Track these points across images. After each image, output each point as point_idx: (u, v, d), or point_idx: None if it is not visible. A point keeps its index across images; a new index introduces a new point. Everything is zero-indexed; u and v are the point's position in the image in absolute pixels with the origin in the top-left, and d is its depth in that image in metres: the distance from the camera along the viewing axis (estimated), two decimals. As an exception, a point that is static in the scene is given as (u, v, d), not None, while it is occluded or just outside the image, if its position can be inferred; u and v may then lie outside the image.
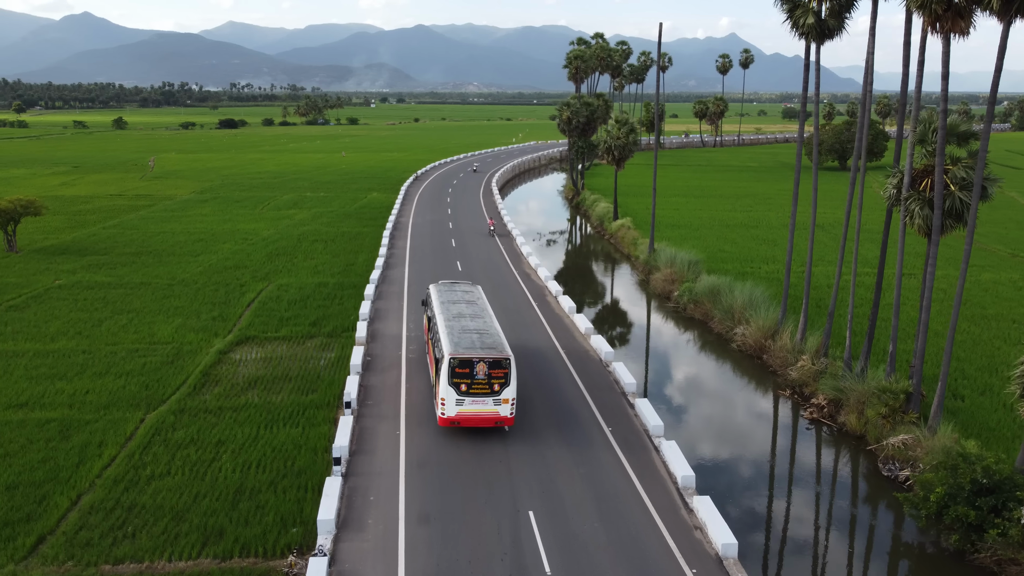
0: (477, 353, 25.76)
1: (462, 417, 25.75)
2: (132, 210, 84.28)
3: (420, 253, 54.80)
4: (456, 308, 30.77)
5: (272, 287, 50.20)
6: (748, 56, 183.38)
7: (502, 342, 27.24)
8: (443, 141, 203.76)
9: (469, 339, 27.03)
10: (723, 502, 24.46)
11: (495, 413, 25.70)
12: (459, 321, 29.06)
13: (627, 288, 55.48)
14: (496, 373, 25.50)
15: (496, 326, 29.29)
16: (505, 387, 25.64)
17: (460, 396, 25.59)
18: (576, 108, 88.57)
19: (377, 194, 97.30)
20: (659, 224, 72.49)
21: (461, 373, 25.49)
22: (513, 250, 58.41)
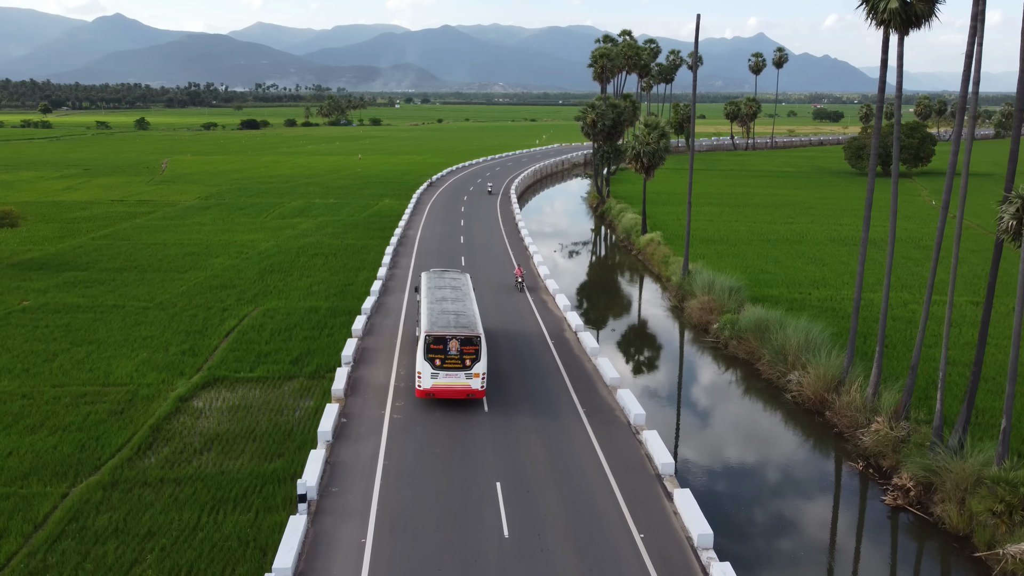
0: (451, 331, 28.03)
1: (436, 389, 27.99)
2: (129, 218, 79.59)
3: (428, 267, 48.92)
4: (441, 293, 33.26)
5: (258, 312, 44.68)
6: (782, 55, 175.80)
7: (475, 322, 29.46)
8: (464, 143, 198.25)
9: (445, 319, 29.37)
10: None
11: (467, 386, 28.01)
12: (441, 304, 31.50)
13: (657, 316, 48.94)
14: (467, 349, 27.79)
15: (473, 309, 31.45)
16: (476, 362, 27.94)
17: (435, 370, 27.80)
18: (601, 110, 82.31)
19: (389, 201, 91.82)
20: (692, 238, 66.02)
21: (436, 349, 27.74)
22: (529, 271, 52.39)
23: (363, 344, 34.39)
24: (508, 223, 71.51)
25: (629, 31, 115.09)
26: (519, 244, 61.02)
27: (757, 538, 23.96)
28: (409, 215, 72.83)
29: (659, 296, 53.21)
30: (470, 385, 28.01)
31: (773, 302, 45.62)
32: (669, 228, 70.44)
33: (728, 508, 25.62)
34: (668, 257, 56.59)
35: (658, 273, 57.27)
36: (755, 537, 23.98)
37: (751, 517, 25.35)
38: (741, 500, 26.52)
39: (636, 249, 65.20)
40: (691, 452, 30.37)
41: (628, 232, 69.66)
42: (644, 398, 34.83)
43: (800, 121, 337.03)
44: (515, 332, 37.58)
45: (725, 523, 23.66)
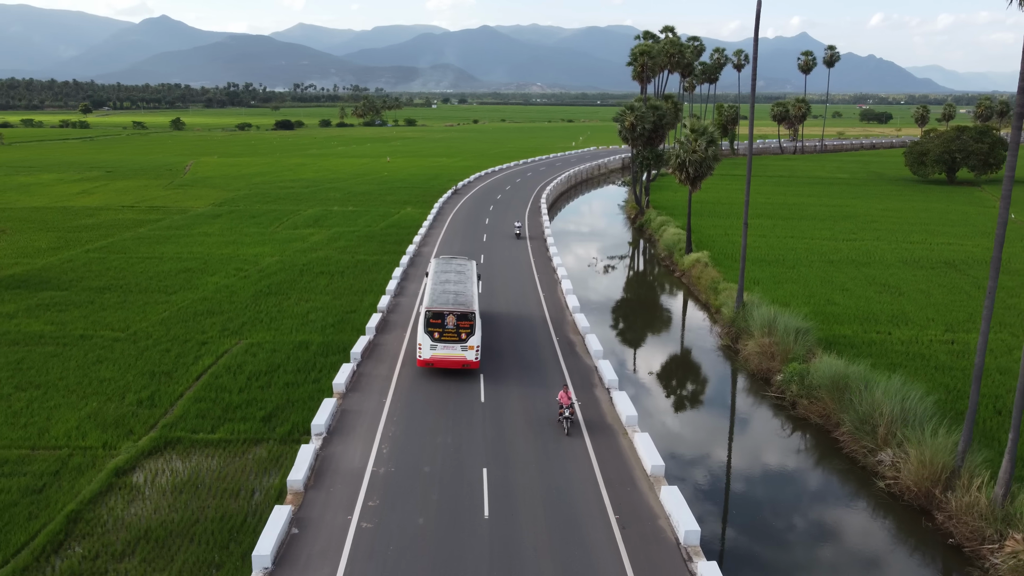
0: (448, 308, 30.63)
1: (435, 359, 30.80)
2: (135, 226, 74.68)
3: None
4: (446, 276, 35.93)
5: (240, 348, 38.63)
6: (833, 53, 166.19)
7: (471, 300, 31.98)
8: (497, 145, 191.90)
9: (445, 297, 32.07)
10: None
11: (462, 357, 30.71)
12: (443, 285, 34.08)
13: (706, 359, 41.39)
14: (463, 324, 30.46)
15: (472, 291, 33.79)
16: (471, 336, 30.58)
17: (434, 342, 30.62)
18: (641, 112, 75.04)
19: (412, 209, 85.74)
20: (743, 258, 58.57)
21: (434, 323, 30.52)
22: (556, 299, 45.57)
23: (344, 405, 27.89)
24: (535, 239, 64.70)
25: (672, 27, 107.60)
26: (546, 265, 54.20)
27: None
28: (427, 228, 66.46)
29: (707, 331, 45.78)
30: (465, 356, 30.89)
31: (846, 345, 38.14)
32: (716, 245, 62.96)
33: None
34: (717, 282, 49.17)
35: (706, 301, 49.82)
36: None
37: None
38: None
39: (680, 270, 57.73)
40: (754, 571, 23.13)
41: (670, 249, 62.21)
42: (690, 485, 27.82)
43: (847, 123, 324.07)
44: (533, 385, 30.81)
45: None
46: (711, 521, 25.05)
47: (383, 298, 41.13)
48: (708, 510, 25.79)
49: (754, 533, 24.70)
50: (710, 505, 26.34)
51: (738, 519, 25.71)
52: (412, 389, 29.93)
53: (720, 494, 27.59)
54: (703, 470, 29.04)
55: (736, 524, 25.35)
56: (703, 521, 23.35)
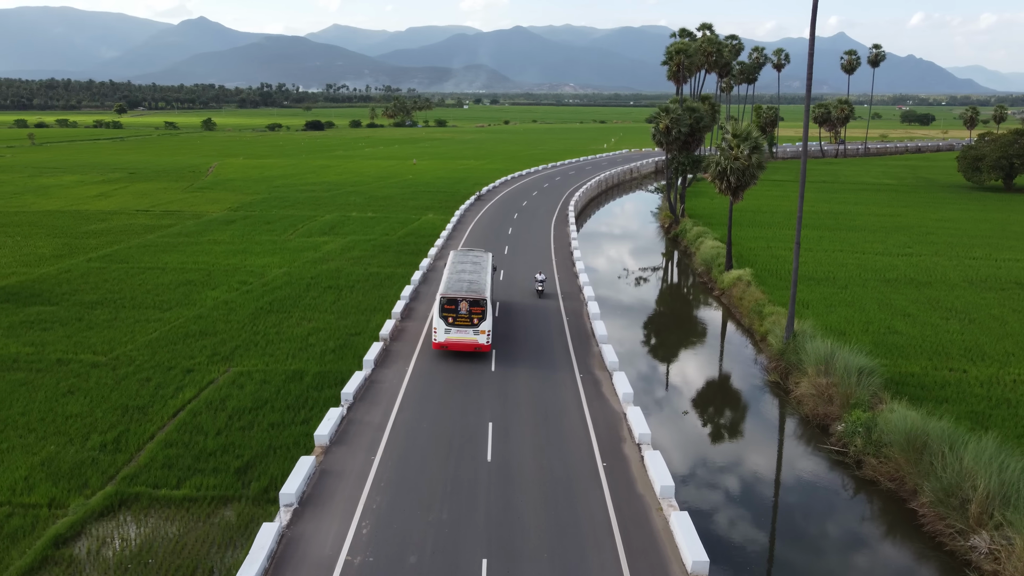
0: (461, 294, 33.01)
1: (449, 342, 33.20)
2: (145, 232, 71.71)
3: None
4: (462, 267, 37.87)
5: (227, 378, 34.73)
6: (878, 53, 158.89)
7: (483, 288, 34.04)
8: (527, 147, 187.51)
9: (459, 285, 34.41)
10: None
11: (474, 340, 33.03)
12: (459, 274, 36.31)
13: (751, 398, 36.30)
14: (475, 310, 32.86)
15: (486, 280, 35.54)
16: (482, 321, 32.89)
17: (448, 327, 33.02)
18: (677, 115, 70.03)
19: (433, 215, 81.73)
20: (791, 275, 53.35)
21: (448, 309, 32.93)
22: (582, 326, 41.04)
23: (325, 463, 23.64)
24: (561, 252, 60.15)
25: (709, 24, 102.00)
26: (572, 282, 49.65)
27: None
28: (446, 238, 62.25)
29: (751, 362, 40.79)
30: (477, 340, 32.94)
31: (915, 386, 33.04)
32: (759, 261, 57.82)
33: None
34: (762, 305, 44.14)
35: (749, 327, 44.75)
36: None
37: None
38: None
39: (719, 289, 52.62)
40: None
41: (708, 264, 57.14)
42: (732, 560, 23.13)
43: (887, 124, 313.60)
44: (551, 437, 26.33)
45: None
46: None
47: (387, 323, 36.86)
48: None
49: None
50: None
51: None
52: (408, 441, 25.60)
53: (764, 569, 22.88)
54: (747, 545, 24.31)
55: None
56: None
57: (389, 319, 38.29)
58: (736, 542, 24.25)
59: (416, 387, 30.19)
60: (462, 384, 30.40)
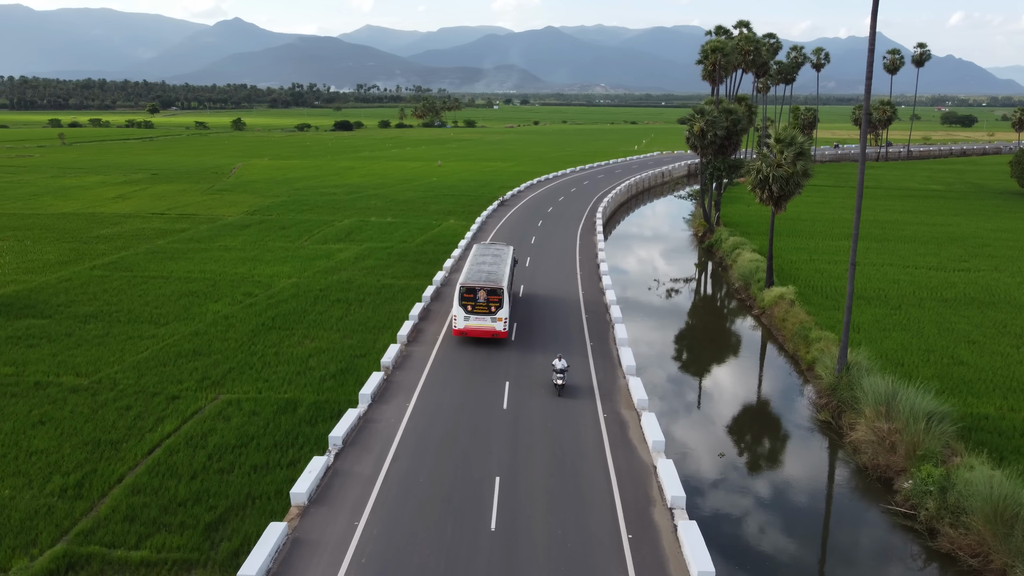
0: (480, 283, 35.04)
1: (468, 329, 35.32)
2: (156, 237, 69.32)
3: (456, 353, 34.85)
4: (483, 259, 40.47)
5: (213, 408, 31.53)
6: (924, 52, 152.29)
7: (501, 279, 36.00)
8: (555, 149, 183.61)
9: (478, 275, 36.46)
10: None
11: (492, 327, 35.12)
12: (479, 265, 38.78)
13: (796, 439, 31.54)
14: (493, 298, 34.92)
15: (504, 271, 37.76)
16: (500, 309, 34.93)
17: (467, 314, 35.17)
18: (712, 116, 65.75)
19: (455, 221, 78.35)
20: (835, 293, 48.95)
21: (468, 297, 35.02)
22: (607, 351, 37.23)
23: (299, 531, 20.05)
24: (587, 265, 56.31)
25: (747, 22, 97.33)
26: (598, 300, 45.82)
27: None
28: (463, 248, 58.72)
29: (796, 395, 36.58)
30: (495, 327, 34.79)
31: (990, 432, 28.71)
32: (802, 275, 53.40)
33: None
34: (808, 329, 39.89)
35: (793, 352, 40.48)
36: None
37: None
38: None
39: (758, 308, 48.30)
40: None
41: (746, 280, 52.82)
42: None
43: (927, 126, 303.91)
44: (567, 496, 22.60)
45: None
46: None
47: (390, 349, 33.36)
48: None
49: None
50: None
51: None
52: (400, 500, 21.96)
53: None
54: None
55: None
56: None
57: (393, 343, 34.83)
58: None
59: (416, 428, 26.62)
60: (468, 425, 26.79)
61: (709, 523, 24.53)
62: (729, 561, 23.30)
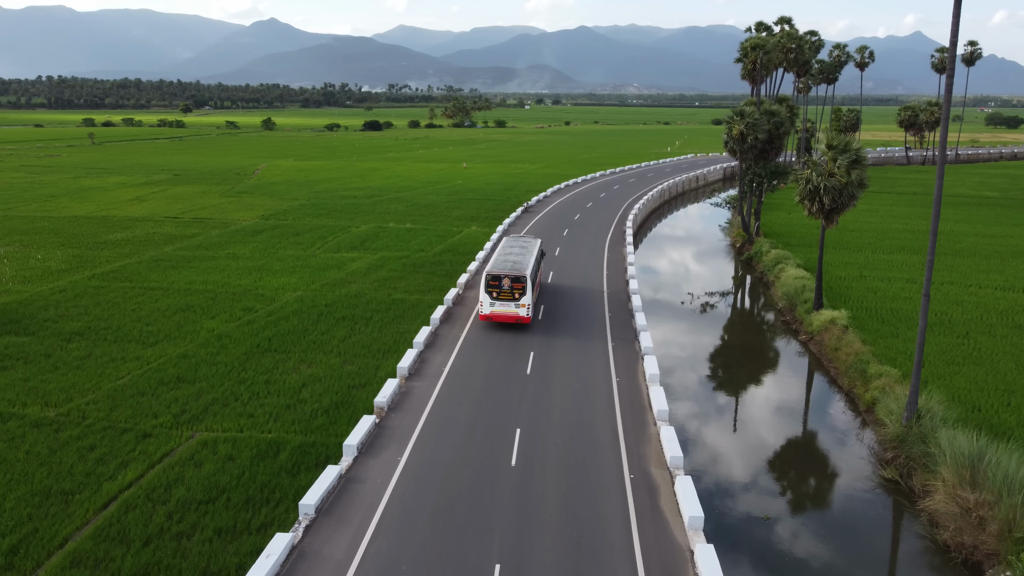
0: (504, 272, 37.42)
1: (494, 314, 37.68)
2: (164, 243, 66.45)
3: (461, 391, 30.20)
4: (510, 249, 43.15)
5: (185, 450, 27.88)
6: (975, 51, 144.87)
7: (525, 268, 38.34)
8: (586, 150, 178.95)
9: (504, 264, 38.86)
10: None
11: (516, 313, 37.43)
12: (505, 256, 41.23)
13: (860, 505, 26.25)
14: (516, 286, 37.24)
15: (528, 261, 40.04)
16: (523, 296, 37.23)
17: (492, 300, 37.52)
18: (753, 119, 60.90)
19: (477, 228, 74.43)
20: (890, 316, 43.97)
21: (493, 284, 37.45)
22: (636, 398, 32.86)
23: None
24: (615, 281, 51.89)
25: (788, 18, 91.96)
26: (627, 324, 41.46)
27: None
28: (481, 260, 54.66)
29: (854, 442, 31.78)
30: (518, 313, 37.55)
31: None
32: (853, 295, 48.40)
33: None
34: (866, 361, 35.11)
35: (849, 389, 35.69)
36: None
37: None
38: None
39: (805, 332, 43.48)
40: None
41: (791, 299, 47.90)
42: None
43: (971, 128, 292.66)
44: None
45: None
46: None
47: (387, 385, 29.33)
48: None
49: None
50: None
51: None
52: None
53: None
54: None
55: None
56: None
57: (392, 377, 30.86)
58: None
59: (405, 491, 22.55)
60: (466, 491, 22.57)
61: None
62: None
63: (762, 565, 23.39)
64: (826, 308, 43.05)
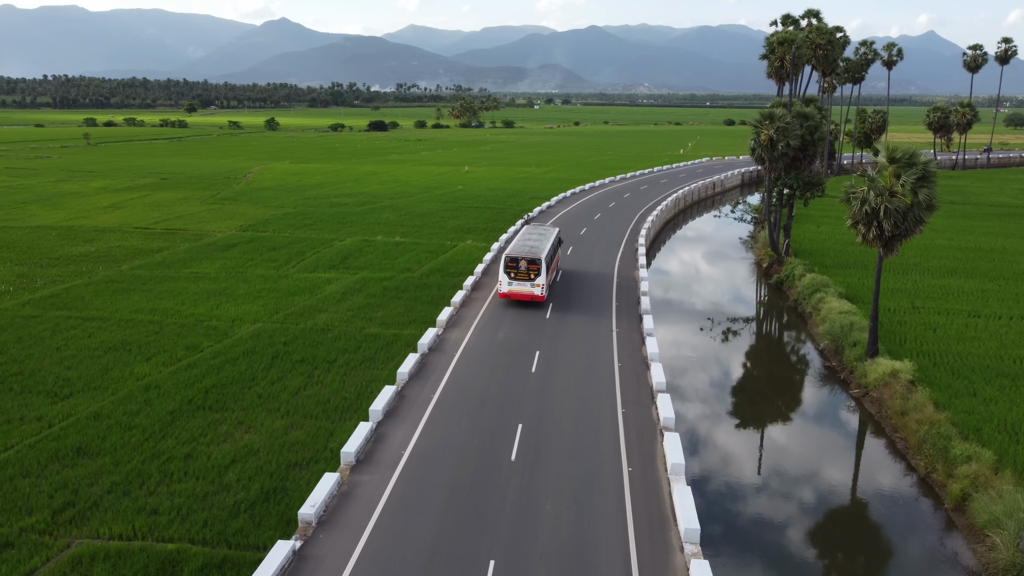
0: (521, 254, 41.67)
1: (511, 292, 41.95)
2: (127, 258, 59.87)
3: (424, 483, 22.88)
4: (528, 236, 47.72)
5: (49, 572, 20.80)
6: (1009, 47, 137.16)
7: (541, 251, 42.39)
8: (595, 152, 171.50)
9: (521, 248, 43.28)
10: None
11: (531, 292, 41.60)
12: (524, 241, 45.76)
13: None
14: (532, 267, 41.29)
15: (544, 246, 44.31)
16: (538, 276, 41.29)
17: (510, 280, 41.71)
18: (785, 124, 53.40)
19: (473, 241, 67.32)
20: (966, 366, 36.41)
21: (511, 266, 41.57)
22: (654, 488, 25.60)
23: None
24: (626, 314, 44.56)
25: (816, 11, 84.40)
26: (641, 377, 34.21)
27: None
28: (472, 284, 47.35)
29: (937, 555, 24.42)
30: (533, 291, 41.55)
31: None
32: (910, 335, 40.80)
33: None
34: (946, 436, 27.54)
35: (925, 474, 27.96)
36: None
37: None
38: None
39: (859, 385, 35.79)
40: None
41: (836, 340, 40.09)
42: None
43: (987, 128, 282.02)
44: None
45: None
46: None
47: (324, 482, 22.13)
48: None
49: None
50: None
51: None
52: None
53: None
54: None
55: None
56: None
57: (331, 472, 23.66)
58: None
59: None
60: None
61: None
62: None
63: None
64: (882, 354, 35.55)
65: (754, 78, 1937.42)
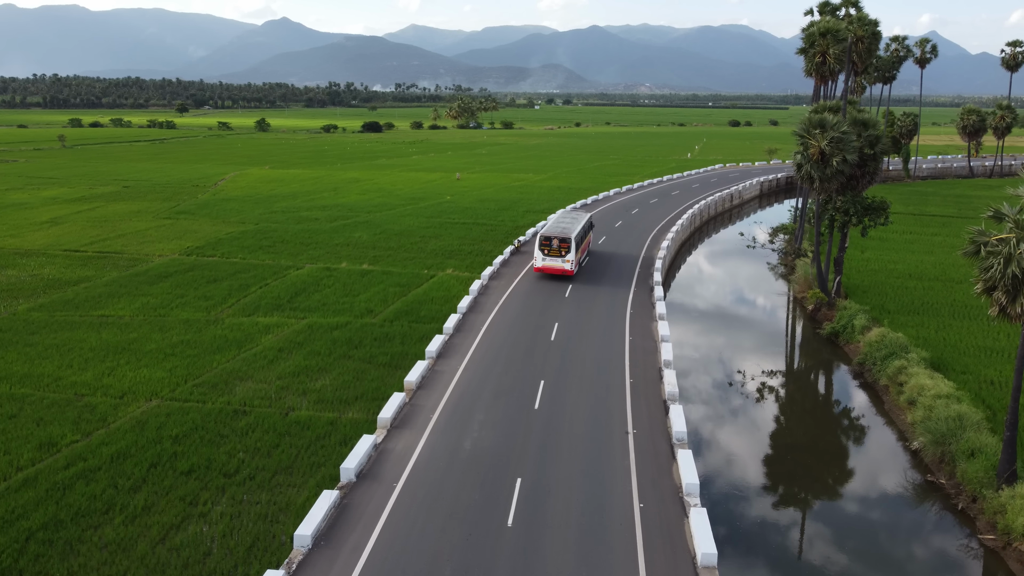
0: (555, 234, 48.30)
1: (545, 267, 48.66)
2: (33, 293, 49.39)
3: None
4: (562, 221, 53.81)
5: None
6: None
7: (571, 232, 48.92)
8: (598, 156, 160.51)
9: (555, 229, 49.76)
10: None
11: (562, 267, 48.23)
12: (558, 224, 52.10)
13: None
14: (563, 246, 47.96)
15: (576, 227, 50.63)
16: (568, 253, 47.85)
17: (544, 256, 48.41)
18: (840, 133, 42.26)
19: (454, 270, 56.49)
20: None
21: (545, 244, 48.29)
22: None
23: None
24: (645, 399, 33.63)
25: (855, 0, 73.25)
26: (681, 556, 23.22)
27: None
28: (443, 342, 36.32)
29: None
30: (564, 267, 48.16)
31: None
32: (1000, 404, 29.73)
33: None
34: None
35: None
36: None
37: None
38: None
39: (991, 523, 24.56)
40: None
41: (941, 443, 27.75)
42: None
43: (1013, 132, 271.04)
44: None
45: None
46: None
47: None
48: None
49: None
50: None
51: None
52: None
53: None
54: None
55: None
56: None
57: None
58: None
59: None
60: None
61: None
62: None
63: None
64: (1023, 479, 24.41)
65: (756, 78, 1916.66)
